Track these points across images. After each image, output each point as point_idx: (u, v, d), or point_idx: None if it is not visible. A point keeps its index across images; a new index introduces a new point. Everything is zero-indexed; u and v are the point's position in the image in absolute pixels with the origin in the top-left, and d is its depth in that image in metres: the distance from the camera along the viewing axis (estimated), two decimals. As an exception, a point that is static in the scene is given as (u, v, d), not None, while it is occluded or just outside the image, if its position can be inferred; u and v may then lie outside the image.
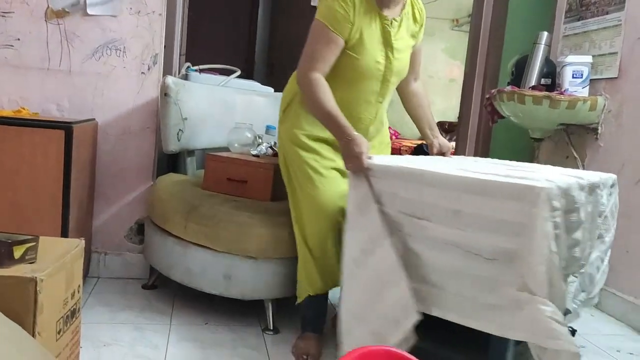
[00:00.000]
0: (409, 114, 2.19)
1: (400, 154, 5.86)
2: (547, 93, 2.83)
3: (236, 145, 2.48)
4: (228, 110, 2.76)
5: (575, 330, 2.31)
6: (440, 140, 2.08)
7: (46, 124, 2.06)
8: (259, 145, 2.47)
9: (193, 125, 2.50)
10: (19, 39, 2.39)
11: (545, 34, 3.06)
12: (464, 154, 4.01)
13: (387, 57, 1.90)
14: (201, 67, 3.16)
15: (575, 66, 2.87)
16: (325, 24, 1.80)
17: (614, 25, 2.80)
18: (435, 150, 2.08)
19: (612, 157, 2.76)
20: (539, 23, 3.39)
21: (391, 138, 6.60)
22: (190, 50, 3.83)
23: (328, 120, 1.77)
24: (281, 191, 2.22)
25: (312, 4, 3.90)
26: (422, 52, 2.13)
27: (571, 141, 3.02)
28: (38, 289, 1.02)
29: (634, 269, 2.53)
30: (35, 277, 1.02)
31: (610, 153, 2.79)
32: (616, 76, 2.76)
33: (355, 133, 1.71)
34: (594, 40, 2.94)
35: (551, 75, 3.00)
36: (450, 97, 6.83)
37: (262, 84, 3.40)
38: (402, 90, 2.14)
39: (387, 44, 1.89)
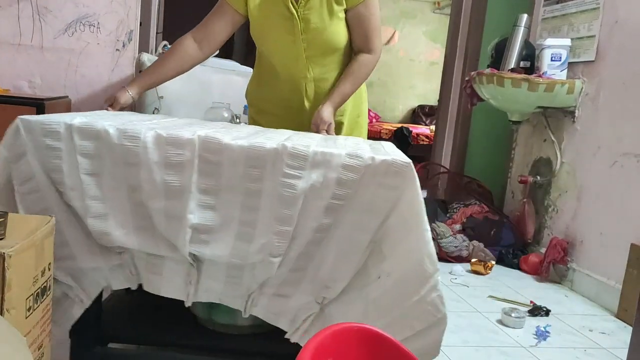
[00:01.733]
0: None
1: (381, 137, 5.87)
2: (525, 76, 2.84)
3: (214, 124, 2.45)
4: (205, 89, 2.72)
5: (549, 311, 2.35)
6: (321, 111, 1.67)
7: (17, 101, 2.01)
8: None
9: (169, 104, 2.45)
10: (-12, 13, 2.32)
11: (525, 16, 3.06)
12: (444, 137, 4.03)
13: (294, 31, 1.69)
14: (178, 45, 3.10)
15: (554, 49, 2.88)
16: None
17: (592, 9, 2.81)
18: (312, 120, 1.72)
19: (589, 141, 2.79)
20: (519, 5, 3.40)
21: (371, 121, 6.61)
22: (167, 29, 3.75)
23: None
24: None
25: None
26: (367, 19, 1.75)
27: (549, 124, 3.05)
28: (6, 265, 0.99)
29: (607, 250, 2.58)
30: (4, 253, 0.98)
31: (586, 136, 2.82)
32: (593, 59, 2.78)
33: (123, 91, 1.61)
34: (573, 23, 2.95)
35: (530, 58, 3.01)
36: (431, 80, 6.84)
37: (241, 64, 3.35)
38: None
39: (292, 15, 1.67)
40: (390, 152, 1.31)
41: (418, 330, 1.26)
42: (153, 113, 2.37)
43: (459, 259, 3.00)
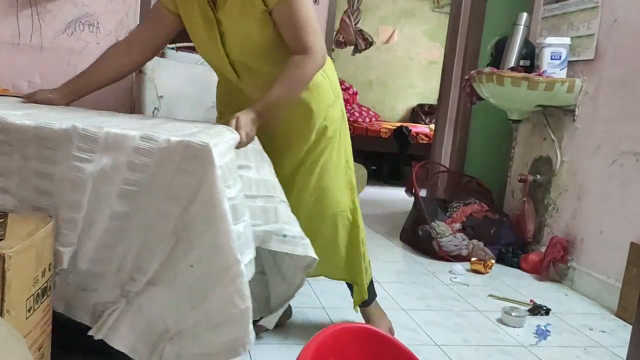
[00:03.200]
0: None
1: (380, 136, 5.87)
2: (525, 74, 2.84)
3: (214, 124, 2.45)
4: (205, 89, 2.71)
5: (550, 309, 2.35)
6: (238, 117, 1.41)
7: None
8: (236, 124, 2.43)
9: (169, 104, 2.45)
10: (-13, 13, 2.31)
11: (525, 15, 3.06)
12: (444, 136, 4.03)
13: (214, 34, 1.58)
14: (178, 45, 3.09)
15: (554, 48, 2.88)
16: None
17: (591, 7, 2.81)
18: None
19: (589, 139, 2.79)
20: (519, 4, 3.39)
21: (370, 120, 6.60)
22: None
23: None
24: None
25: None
26: (292, 17, 1.53)
27: (549, 123, 3.04)
28: (6, 266, 0.99)
29: (607, 249, 2.58)
30: (4, 254, 0.98)
31: (586, 135, 2.81)
32: (592, 58, 2.78)
33: (44, 91, 1.60)
34: (572, 22, 2.95)
35: (530, 57, 3.01)
36: (431, 79, 6.83)
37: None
38: None
39: (210, 18, 1.57)
40: (201, 134, 1.21)
41: (216, 323, 1.20)
42: (152, 113, 2.37)
43: (459, 258, 3.00)
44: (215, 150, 1.14)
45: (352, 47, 6.08)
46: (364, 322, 1.92)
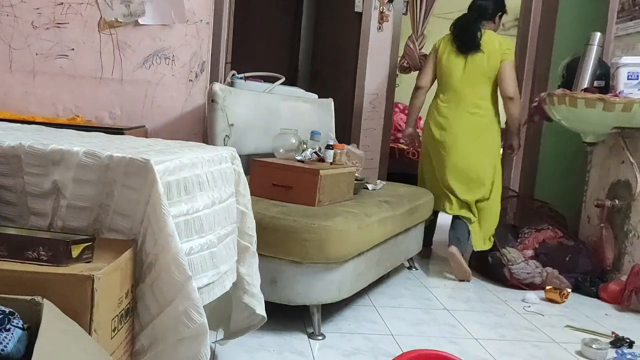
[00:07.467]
0: None
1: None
2: (600, 95, 2.74)
3: (281, 150, 2.49)
4: (273, 116, 2.78)
5: (633, 342, 2.22)
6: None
7: (99, 131, 2.11)
8: (303, 151, 2.47)
9: (239, 131, 2.52)
10: (73, 49, 2.48)
11: (598, 34, 2.97)
12: (512, 159, 3.93)
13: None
14: (246, 74, 3.20)
15: (631, 67, 2.76)
16: None
17: (671, 24, 2.69)
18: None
19: (671, 162, 2.64)
20: (590, 24, 3.30)
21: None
22: (234, 59, 3.88)
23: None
24: (325, 196, 2.23)
25: (356, 10, 3.89)
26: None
27: (627, 145, 2.91)
28: (95, 287, 1.03)
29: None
30: (93, 275, 1.03)
31: (669, 157, 2.67)
32: (674, 77, 2.65)
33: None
34: (650, 40, 2.83)
35: (605, 77, 2.90)
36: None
37: (306, 91, 3.41)
38: None
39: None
40: (154, 150, 1.27)
41: (178, 338, 1.22)
42: (224, 140, 2.45)
43: (532, 286, 2.88)
44: (159, 167, 1.17)
45: (417, 72, 6.06)
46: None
